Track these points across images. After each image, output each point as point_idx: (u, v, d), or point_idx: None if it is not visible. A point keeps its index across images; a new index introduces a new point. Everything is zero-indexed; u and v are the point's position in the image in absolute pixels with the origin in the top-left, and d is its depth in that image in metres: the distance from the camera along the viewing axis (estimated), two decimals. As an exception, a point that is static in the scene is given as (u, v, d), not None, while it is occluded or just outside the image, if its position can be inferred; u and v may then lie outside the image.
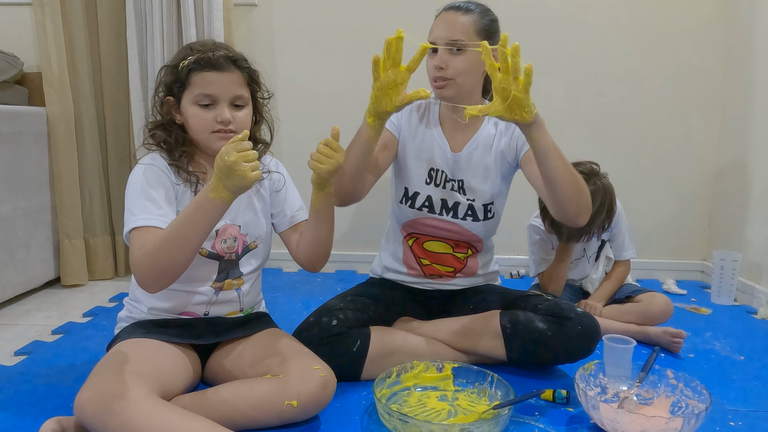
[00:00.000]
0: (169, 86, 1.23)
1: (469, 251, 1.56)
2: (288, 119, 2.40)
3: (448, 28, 1.40)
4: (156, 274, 1.10)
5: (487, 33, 1.42)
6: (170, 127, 1.25)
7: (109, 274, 2.34)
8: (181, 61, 1.21)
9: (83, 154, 2.23)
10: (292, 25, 2.40)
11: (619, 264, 1.92)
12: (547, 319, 1.38)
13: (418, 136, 1.53)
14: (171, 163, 1.24)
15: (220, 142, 1.19)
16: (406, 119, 1.54)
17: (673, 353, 1.61)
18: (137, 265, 1.10)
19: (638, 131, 2.42)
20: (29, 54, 2.26)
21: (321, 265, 1.33)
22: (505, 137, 1.50)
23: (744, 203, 2.22)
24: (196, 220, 1.08)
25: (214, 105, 1.20)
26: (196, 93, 1.20)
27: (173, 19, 2.18)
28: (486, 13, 1.44)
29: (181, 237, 1.08)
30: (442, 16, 1.43)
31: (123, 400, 0.97)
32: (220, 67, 1.19)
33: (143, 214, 1.15)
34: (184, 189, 1.24)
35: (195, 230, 1.09)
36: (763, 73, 2.12)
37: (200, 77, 1.19)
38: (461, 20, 1.39)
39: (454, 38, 1.38)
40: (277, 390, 1.11)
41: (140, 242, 1.12)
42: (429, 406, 1.26)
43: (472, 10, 1.41)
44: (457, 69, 1.40)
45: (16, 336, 1.69)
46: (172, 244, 1.08)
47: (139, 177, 1.20)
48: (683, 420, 1.07)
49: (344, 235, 2.53)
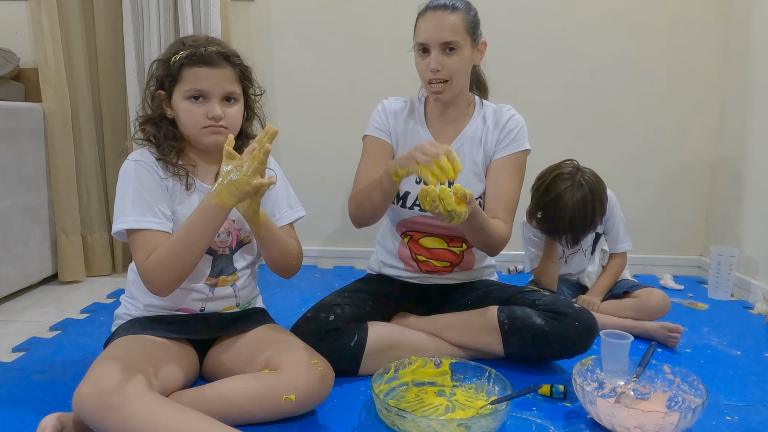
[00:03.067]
0: (161, 80, 1.23)
1: (463, 245, 1.56)
2: (284, 114, 2.40)
3: (438, 29, 1.38)
4: (170, 281, 1.14)
5: (473, 28, 1.43)
6: (160, 122, 1.25)
7: (107, 270, 2.34)
8: (173, 55, 1.21)
9: (80, 150, 2.23)
10: (289, 20, 2.39)
11: (615, 257, 1.92)
12: (545, 315, 1.38)
13: (408, 137, 1.53)
14: (159, 158, 1.24)
15: (211, 137, 1.22)
16: (393, 122, 1.54)
17: (670, 348, 1.62)
18: (149, 275, 1.13)
19: (635, 126, 2.42)
20: (25, 50, 2.25)
21: (290, 274, 1.32)
22: (493, 133, 1.50)
23: (741, 199, 2.23)
24: (202, 226, 1.12)
25: (205, 100, 1.21)
26: (187, 88, 1.20)
27: (170, 15, 2.17)
28: (469, 7, 1.44)
29: (190, 243, 1.12)
30: (430, 15, 1.41)
31: (122, 396, 0.97)
32: (212, 62, 1.20)
33: (138, 216, 1.16)
34: (173, 183, 1.24)
35: (202, 236, 1.12)
36: (760, 69, 2.12)
37: (191, 72, 1.19)
38: (450, 20, 1.38)
39: (448, 39, 1.38)
40: (275, 384, 1.12)
41: (144, 250, 1.14)
42: (427, 402, 1.26)
43: (458, 8, 1.40)
44: (451, 69, 1.40)
45: (13, 332, 1.69)
46: (182, 252, 1.12)
47: (130, 174, 1.20)
48: (680, 415, 1.07)
49: (342, 231, 2.53)
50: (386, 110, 1.56)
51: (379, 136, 1.52)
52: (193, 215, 1.13)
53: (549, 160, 1.83)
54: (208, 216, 1.11)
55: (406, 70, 2.40)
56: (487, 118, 1.53)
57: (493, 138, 1.51)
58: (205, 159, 1.29)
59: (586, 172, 1.75)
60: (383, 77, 2.39)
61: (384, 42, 2.38)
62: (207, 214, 1.11)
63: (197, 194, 1.26)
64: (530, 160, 1.54)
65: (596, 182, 1.74)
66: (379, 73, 2.39)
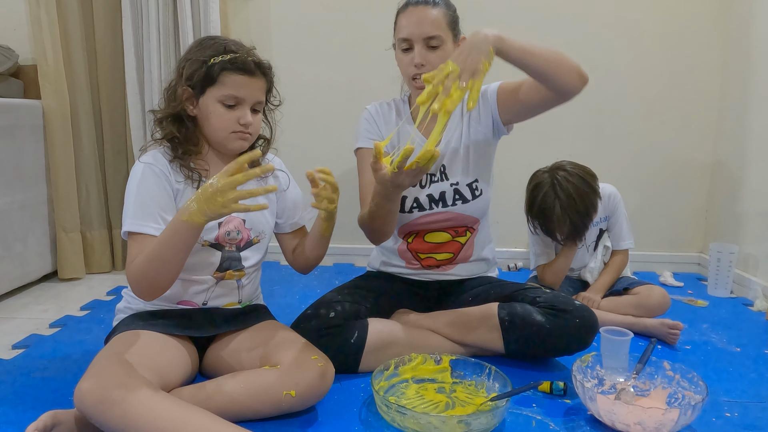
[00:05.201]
0: (193, 78, 1.22)
1: (468, 233, 1.56)
2: (284, 113, 2.38)
3: (421, 24, 1.39)
4: (145, 287, 1.14)
5: (454, 23, 1.44)
6: (182, 120, 1.25)
7: (107, 267, 2.34)
8: (213, 57, 1.20)
9: (79, 147, 2.22)
10: (289, 17, 2.39)
11: (617, 253, 1.92)
12: (546, 312, 1.38)
13: (401, 140, 1.52)
14: (172, 160, 1.24)
15: (237, 143, 1.25)
16: (384, 127, 1.54)
17: (670, 345, 1.62)
18: (129, 277, 1.15)
19: (635, 124, 2.42)
20: (24, 46, 2.24)
21: (313, 269, 1.41)
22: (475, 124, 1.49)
23: (740, 196, 2.23)
24: (173, 243, 1.09)
25: (237, 107, 1.23)
26: (225, 93, 1.21)
27: (169, 11, 2.16)
28: (449, 3, 1.44)
29: (162, 258, 1.10)
30: (411, 11, 1.41)
31: (123, 391, 0.97)
32: (251, 71, 1.23)
33: (137, 219, 1.17)
34: (184, 186, 1.24)
35: (173, 252, 1.10)
36: (760, 67, 2.12)
37: (232, 79, 1.21)
38: (432, 14, 1.39)
39: (431, 34, 1.39)
40: (276, 380, 1.12)
41: (134, 252, 1.15)
42: (427, 398, 1.26)
43: (438, 3, 1.41)
44: (435, 64, 1.38)
45: (13, 329, 1.69)
46: (155, 264, 1.11)
47: (139, 177, 1.20)
48: (679, 411, 1.07)
49: (342, 227, 2.51)
50: (373, 117, 1.56)
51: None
52: (166, 230, 1.11)
53: (548, 159, 1.83)
54: (179, 233, 1.08)
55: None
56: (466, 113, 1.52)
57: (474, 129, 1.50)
58: (218, 163, 1.30)
59: (561, 169, 1.74)
60: (383, 75, 2.36)
61: (383, 40, 2.35)
62: (178, 230, 1.08)
63: None
64: (530, 160, 1.54)
65: (575, 174, 1.73)
66: (378, 71, 2.38)
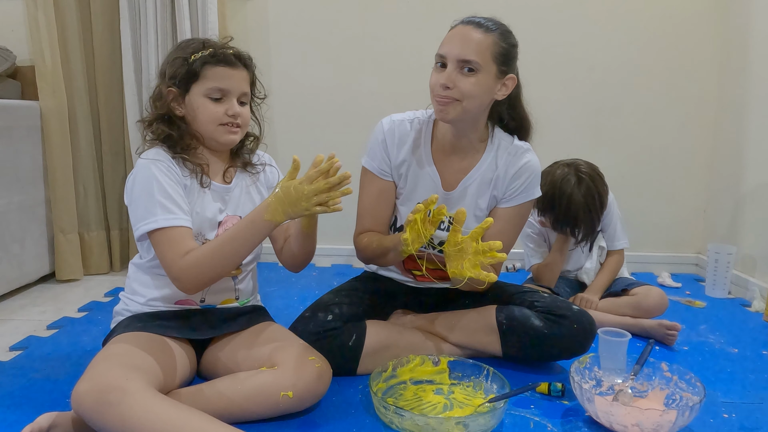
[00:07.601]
0: (176, 77, 1.23)
1: None
2: (282, 113, 2.39)
3: (461, 45, 1.27)
4: (203, 282, 1.18)
5: (504, 59, 1.31)
6: (171, 121, 1.25)
7: (104, 268, 2.33)
8: (193, 53, 1.22)
9: (77, 148, 2.22)
10: (287, 18, 2.39)
11: (612, 254, 1.93)
12: (544, 317, 1.38)
13: (410, 176, 1.44)
14: (174, 156, 1.24)
15: (226, 136, 1.25)
16: (395, 154, 1.43)
17: (668, 346, 1.62)
18: (182, 274, 1.14)
19: (633, 124, 2.42)
20: (22, 47, 2.23)
21: (303, 268, 1.37)
22: (504, 181, 1.41)
23: (739, 197, 2.23)
24: (248, 237, 1.14)
25: (223, 99, 1.24)
26: (209, 86, 1.22)
27: (167, 12, 2.16)
28: (506, 36, 1.32)
29: (231, 251, 1.15)
30: (459, 28, 1.30)
31: (121, 393, 0.96)
32: (232, 63, 1.24)
33: (166, 214, 1.16)
34: (189, 181, 1.24)
35: (245, 246, 1.15)
36: (758, 66, 2.12)
37: (214, 71, 1.22)
38: (478, 38, 1.27)
39: (468, 58, 1.26)
40: (273, 381, 1.12)
41: (176, 248, 1.14)
42: (425, 400, 1.26)
43: (491, 30, 1.28)
44: (464, 91, 1.28)
45: (11, 331, 1.68)
46: (220, 258, 1.14)
47: (150, 174, 1.18)
48: (677, 412, 1.07)
49: (340, 229, 2.52)
50: (387, 141, 1.43)
51: (379, 175, 1.44)
52: (240, 225, 1.15)
53: (547, 158, 1.82)
54: (256, 228, 1.14)
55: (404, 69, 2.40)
56: (499, 160, 1.42)
57: (503, 186, 1.42)
58: (214, 161, 1.30)
59: (580, 163, 1.80)
60: (381, 76, 2.38)
61: (383, 40, 2.38)
62: (256, 226, 1.13)
63: (211, 193, 1.27)
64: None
65: (593, 168, 1.80)
66: (377, 71, 2.39)
